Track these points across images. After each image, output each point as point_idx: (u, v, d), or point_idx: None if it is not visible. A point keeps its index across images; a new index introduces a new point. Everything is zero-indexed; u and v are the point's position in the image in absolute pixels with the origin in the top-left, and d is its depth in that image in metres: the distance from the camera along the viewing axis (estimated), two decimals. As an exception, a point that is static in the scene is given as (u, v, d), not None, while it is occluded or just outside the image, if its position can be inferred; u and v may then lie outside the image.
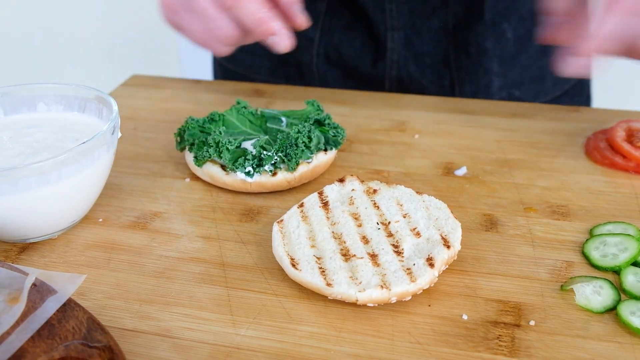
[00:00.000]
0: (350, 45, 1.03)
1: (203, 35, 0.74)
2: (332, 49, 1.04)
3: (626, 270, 0.60)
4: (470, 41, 1.00)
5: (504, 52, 1.01)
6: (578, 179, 0.77)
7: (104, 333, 0.50)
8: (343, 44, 1.03)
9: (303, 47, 1.05)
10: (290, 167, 0.72)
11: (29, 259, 0.65)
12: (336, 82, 1.07)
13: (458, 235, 0.61)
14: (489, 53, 1.00)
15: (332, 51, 1.04)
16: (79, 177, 0.63)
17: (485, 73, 1.02)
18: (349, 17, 1.02)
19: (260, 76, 1.13)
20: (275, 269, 0.62)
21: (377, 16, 0.99)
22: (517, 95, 1.06)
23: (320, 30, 1.03)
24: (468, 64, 1.02)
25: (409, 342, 0.54)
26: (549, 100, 1.08)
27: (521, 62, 1.03)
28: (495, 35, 0.99)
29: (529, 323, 0.55)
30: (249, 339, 0.54)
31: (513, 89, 1.05)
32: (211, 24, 0.71)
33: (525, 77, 1.05)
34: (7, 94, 0.73)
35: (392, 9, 0.98)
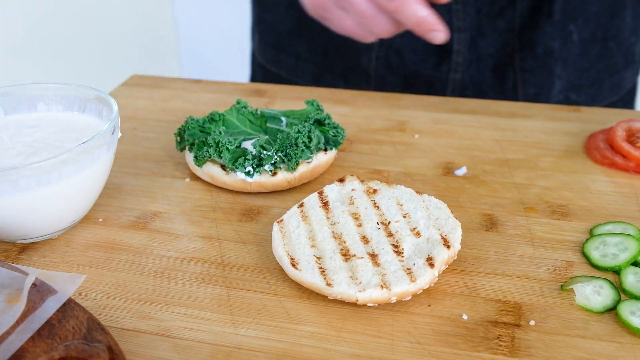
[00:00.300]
0: (412, 48, 1.00)
1: (354, 29, 0.77)
2: (392, 53, 1.01)
3: (626, 270, 0.60)
4: (537, 42, 0.97)
5: (569, 54, 0.99)
6: (578, 179, 0.77)
7: (104, 333, 0.50)
8: (405, 47, 1.00)
9: (362, 51, 1.03)
10: (290, 167, 0.72)
11: (29, 258, 0.65)
12: (393, 88, 1.04)
13: (458, 235, 0.61)
14: (555, 54, 0.98)
15: (393, 55, 1.01)
16: (79, 177, 0.63)
17: (549, 75, 1.00)
18: None
19: (303, 81, 1.11)
20: (275, 268, 0.62)
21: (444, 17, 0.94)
22: (574, 98, 1.04)
23: None
24: (534, 65, 0.99)
25: (408, 342, 0.54)
26: (606, 105, 1.05)
27: (582, 65, 1.01)
28: (563, 36, 0.97)
29: (529, 323, 0.55)
30: (249, 339, 0.54)
31: (571, 92, 1.03)
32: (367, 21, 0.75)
33: (584, 80, 1.02)
34: (8, 94, 0.73)
35: (458, 9, 0.95)
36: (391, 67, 1.03)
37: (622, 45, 1.02)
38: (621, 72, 1.04)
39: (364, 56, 1.03)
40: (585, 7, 0.97)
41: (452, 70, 1.01)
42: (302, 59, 1.09)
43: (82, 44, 2.14)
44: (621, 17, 0.99)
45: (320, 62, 1.07)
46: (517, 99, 1.02)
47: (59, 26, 2.04)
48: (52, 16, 2.02)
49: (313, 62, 1.08)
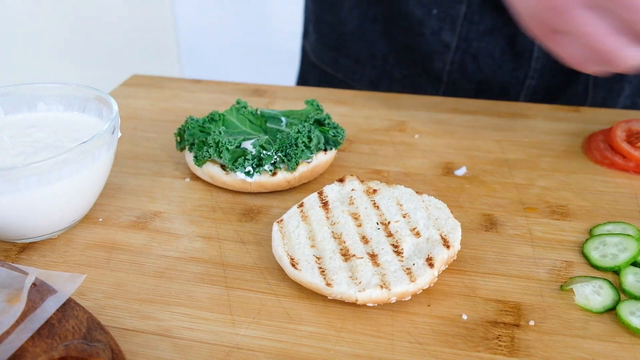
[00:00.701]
0: (490, 53, 0.97)
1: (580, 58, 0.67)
2: (469, 58, 0.98)
3: (626, 270, 0.60)
4: None
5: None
6: (578, 179, 0.77)
7: (104, 333, 0.50)
8: (482, 52, 0.97)
9: (437, 54, 0.99)
10: (290, 167, 0.72)
11: (29, 258, 0.65)
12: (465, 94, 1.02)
13: (458, 235, 0.61)
14: None
15: (469, 60, 0.98)
16: (79, 176, 0.63)
17: (620, 79, 0.98)
18: (489, 22, 0.94)
19: (359, 85, 1.08)
20: (275, 268, 0.62)
21: None
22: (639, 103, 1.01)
23: (457, 36, 0.96)
24: None
25: (408, 342, 0.54)
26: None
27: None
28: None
29: (528, 323, 0.55)
30: (248, 339, 0.54)
31: (637, 97, 1.01)
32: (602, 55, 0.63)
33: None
34: (8, 94, 0.73)
35: None
36: (466, 73, 1.00)
37: None
38: None
39: (438, 61, 1.00)
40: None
41: (529, 77, 0.98)
42: (361, 63, 1.06)
43: (82, 44, 2.14)
44: None
45: (379, 67, 1.05)
46: (586, 103, 0.99)
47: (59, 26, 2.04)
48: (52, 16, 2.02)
49: (372, 67, 1.05)
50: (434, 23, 0.96)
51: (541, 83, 0.99)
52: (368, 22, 1.03)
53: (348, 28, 1.07)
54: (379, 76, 1.06)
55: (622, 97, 1.00)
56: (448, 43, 0.97)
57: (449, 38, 0.97)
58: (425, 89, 1.04)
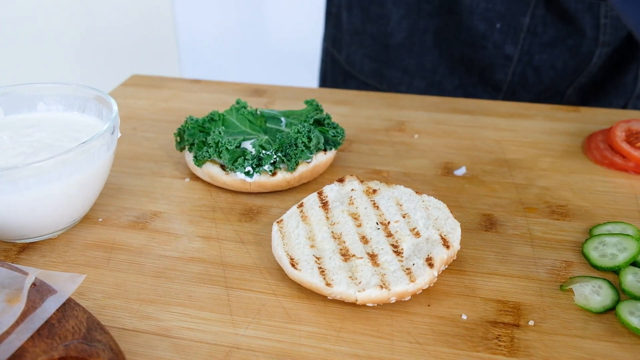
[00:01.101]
0: (551, 65, 0.96)
1: None
2: (531, 70, 0.97)
3: (625, 270, 0.60)
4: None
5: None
6: (577, 179, 0.77)
7: (104, 333, 0.50)
8: (544, 64, 0.96)
9: (498, 66, 0.98)
10: (290, 167, 0.72)
11: (28, 258, 0.65)
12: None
13: (457, 235, 0.61)
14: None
15: (531, 72, 0.97)
16: (79, 176, 0.63)
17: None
18: (553, 33, 0.93)
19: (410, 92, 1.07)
20: (274, 268, 0.62)
21: (590, 31, 0.89)
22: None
23: (520, 49, 0.95)
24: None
25: (408, 342, 0.54)
26: None
27: None
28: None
29: (528, 323, 0.55)
30: (248, 339, 0.54)
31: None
32: None
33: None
34: (7, 94, 0.73)
35: (606, 24, 0.89)
36: (526, 84, 0.99)
37: None
38: None
39: (499, 73, 0.99)
40: None
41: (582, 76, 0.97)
42: (409, 74, 1.05)
43: (82, 44, 2.14)
44: None
45: (428, 78, 1.04)
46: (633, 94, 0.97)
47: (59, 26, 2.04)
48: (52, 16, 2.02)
49: (420, 78, 1.05)
50: (497, 36, 0.96)
51: (592, 80, 0.97)
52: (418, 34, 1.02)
53: (395, 39, 1.05)
54: (427, 87, 1.05)
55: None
56: (510, 55, 0.96)
57: (511, 51, 0.96)
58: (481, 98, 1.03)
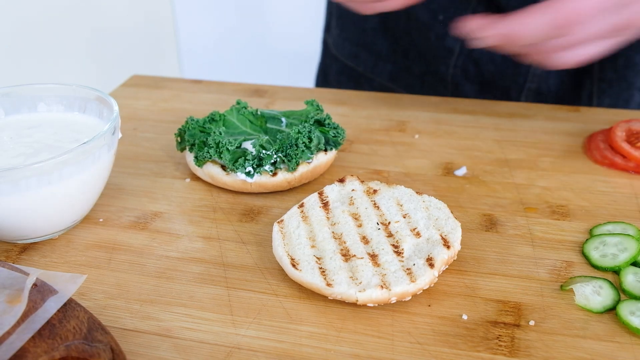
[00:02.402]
0: (491, 59, 1.00)
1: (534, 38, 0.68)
2: (471, 62, 1.01)
3: (626, 270, 0.60)
4: (619, 53, 0.95)
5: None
6: (578, 179, 0.77)
7: (105, 333, 0.50)
8: (484, 57, 1.00)
9: (440, 58, 1.02)
10: (291, 167, 0.72)
11: (29, 259, 0.65)
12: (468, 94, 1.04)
13: (458, 236, 0.61)
14: (637, 67, 0.96)
15: (471, 64, 1.01)
16: (80, 177, 0.63)
17: (628, 87, 0.99)
18: None
19: (380, 79, 1.11)
20: (275, 269, 0.62)
21: None
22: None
23: (461, 41, 0.99)
24: (612, 77, 0.98)
25: (408, 342, 0.54)
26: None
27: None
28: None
29: (528, 323, 0.55)
30: (249, 339, 0.54)
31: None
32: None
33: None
34: (8, 94, 0.74)
35: None
36: (468, 76, 1.03)
37: None
38: None
39: (442, 64, 1.03)
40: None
41: (529, 81, 1.00)
42: (382, 58, 1.09)
43: (83, 45, 2.14)
44: None
45: (400, 63, 1.07)
46: None
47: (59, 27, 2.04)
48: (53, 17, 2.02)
49: (393, 62, 1.08)
50: (439, 28, 0.99)
51: (545, 87, 1.00)
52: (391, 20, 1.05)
53: (370, 24, 1.09)
54: (399, 71, 1.09)
55: (633, 104, 1.00)
56: (452, 48, 1.00)
57: (452, 43, 0.99)
58: (437, 87, 1.07)
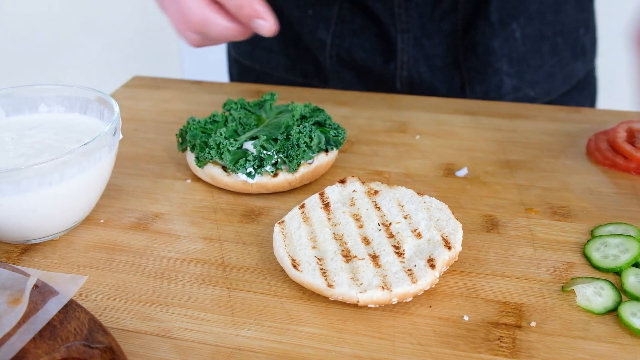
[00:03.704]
0: (361, 48, 1.04)
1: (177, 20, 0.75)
2: (344, 52, 1.05)
3: (627, 271, 0.60)
4: (477, 42, 1.00)
5: (513, 51, 1.02)
6: (579, 180, 0.77)
7: (106, 334, 0.50)
8: (355, 46, 1.04)
9: (316, 49, 1.07)
10: (292, 167, 0.72)
11: (30, 260, 0.65)
12: (350, 82, 1.09)
13: (459, 236, 0.61)
14: (497, 53, 1.01)
15: (344, 53, 1.05)
16: (81, 178, 0.63)
17: (494, 73, 1.03)
18: (359, 22, 1.04)
19: (277, 72, 1.15)
20: (276, 270, 0.62)
21: (387, 19, 1.00)
22: (532, 95, 1.06)
23: (332, 33, 1.04)
24: (477, 65, 1.02)
25: (409, 343, 0.54)
26: (559, 95, 1.08)
27: (535, 62, 1.04)
28: (503, 35, 1.00)
29: (530, 324, 0.55)
30: (249, 340, 0.54)
31: (528, 90, 1.06)
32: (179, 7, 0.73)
33: (539, 76, 1.06)
34: (9, 95, 0.74)
35: (400, 12, 0.99)
36: (344, 64, 1.07)
37: (569, 39, 1.05)
38: (571, 65, 1.08)
39: (320, 55, 1.07)
40: (525, 5, 0.99)
41: (399, 68, 1.04)
42: (275, 52, 1.13)
43: (83, 46, 2.14)
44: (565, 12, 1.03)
45: (292, 54, 1.11)
46: (466, 96, 1.05)
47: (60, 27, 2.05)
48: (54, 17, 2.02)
49: (285, 55, 1.12)
50: (310, 23, 1.05)
51: (416, 75, 1.04)
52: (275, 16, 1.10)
53: None
54: (293, 62, 1.13)
55: (506, 89, 1.04)
56: (324, 40, 1.05)
57: (324, 36, 1.05)
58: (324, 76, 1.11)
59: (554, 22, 1.03)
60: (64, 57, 2.08)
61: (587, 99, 1.15)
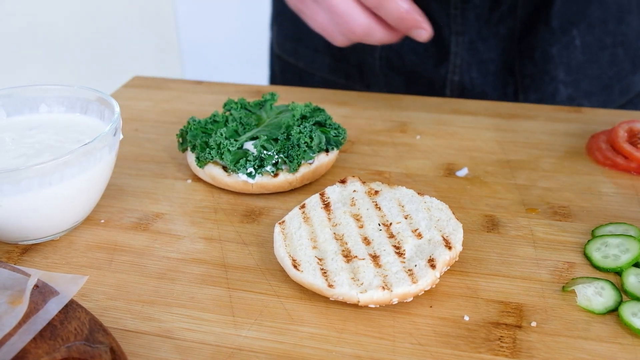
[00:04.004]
0: (413, 50, 1.02)
1: (327, 26, 0.76)
2: (394, 54, 1.03)
3: (628, 271, 0.60)
4: (535, 47, 0.97)
5: (571, 59, 0.99)
6: (579, 180, 0.77)
7: (106, 334, 0.50)
8: (405, 48, 1.02)
9: (366, 51, 1.05)
10: (292, 168, 0.72)
11: (31, 260, 0.65)
12: (398, 87, 1.07)
13: (459, 236, 0.61)
14: (555, 60, 0.98)
15: (394, 55, 1.03)
16: (81, 178, 0.63)
17: (550, 81, 1.00)
18: None
19: (320, 72, 1.14)
20: (276, 270, 0.62)
21: (442, 20, 0.98)
22: (586, 105, 1.03)
23: None
24: (533, 71, 1.00)
25: (410, 343, 0.54)
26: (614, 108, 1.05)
27: (592, 72, 1.01)
28: (563, 42, 0.97)
29: (530, 324, 0.55)
30: (250, 340, 0.54)
31: (583, 100, 1.03)
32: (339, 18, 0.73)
33: (595, 87, 1.02)
34: (10, 95, 0.74)
35: (456, 14, 0.97)
36: (393, 67, 1.05)
37: (629, 50, 1.02)
38: (629, 77, 1.04)
39: (369, 55, 1.05)
40: (587, 12, 0.96)
41: (451, 72, 1.02)
42: (320, 51, 1.12)
43: (84, 46, 2.14)
44: (627, 23, 1.00)
45: (337, 55, 1.10)
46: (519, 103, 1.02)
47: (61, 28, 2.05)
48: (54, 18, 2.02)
49: (330, 55, 1.11)
50: None
51: (468, 80, 1.02)
52: None
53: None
54: (337, 63, 1.12)
55: (560, 98, 1.02)
56: None
57: None
58: (371, 78, 1.10)
59: (616, 31, 0.99)
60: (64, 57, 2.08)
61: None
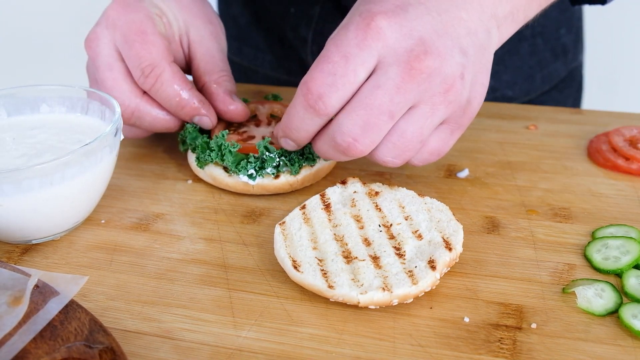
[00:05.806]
0: None
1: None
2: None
3: (628, 273, 0.60)
4: None
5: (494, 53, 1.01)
6: (580, 182, 0.77)
7: (106, 334, 0.50)
8: None
9: (299, 46, 1.09)
10: (294, 170, 0.72)
11: (31, 260, 0.65)
12: None
13: (460, 238, 0.61)
14: None
15: None
16: (82, 178, 0.64)
17: None
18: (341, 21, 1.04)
19: (263, 69, 1.16)
20: (277, 270, 0.62)
21: None
22: (510, 95, 1.06)
23: (313, 31, 1.06)
24: None
25: (410, 345, 0.54)
26: (538, 95, 1.09)
27: (513, 63, 1.04)
28: None
29: (530, 326, 0.55)
30: (250, 341, 0.54)
31: (506, 90, 1.06)
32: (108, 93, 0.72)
33: (517, 77, 1.05)
34: (11, 96, 0.74)
35: None
36: None
37: (549, 40, 1.05)
38: (551, 65, 1.08)
39: (301, 52, 1.09)
40: None
41: None
42: (261, 49, 1.16)
43: (85, 46, 2.14)
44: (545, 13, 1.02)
45: (278, 52, 1.14)
46: None
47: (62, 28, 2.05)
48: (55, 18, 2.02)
49: (271, 52, 1.15)
50: (292, 20, 1.07)
51: None
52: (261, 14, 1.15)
53: (245, 20, 1.18)
54: (278, 60, 1.15)
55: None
56: (305, 37, 1.07)
57: (305, 33, 1.07)
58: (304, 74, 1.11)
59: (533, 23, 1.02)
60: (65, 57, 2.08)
61: (568, 97, 1.15)
